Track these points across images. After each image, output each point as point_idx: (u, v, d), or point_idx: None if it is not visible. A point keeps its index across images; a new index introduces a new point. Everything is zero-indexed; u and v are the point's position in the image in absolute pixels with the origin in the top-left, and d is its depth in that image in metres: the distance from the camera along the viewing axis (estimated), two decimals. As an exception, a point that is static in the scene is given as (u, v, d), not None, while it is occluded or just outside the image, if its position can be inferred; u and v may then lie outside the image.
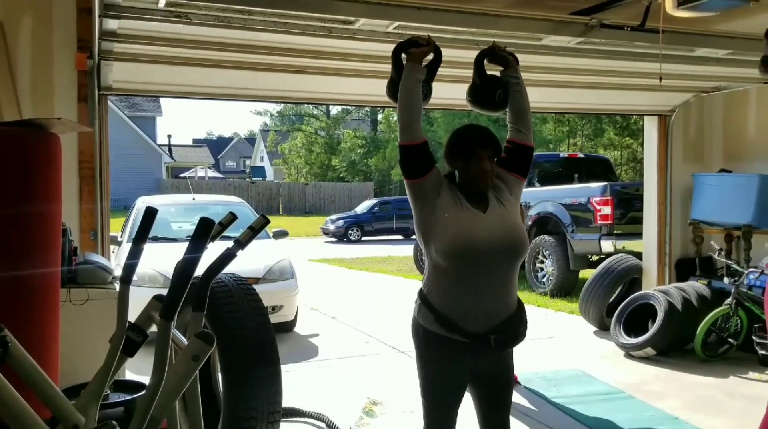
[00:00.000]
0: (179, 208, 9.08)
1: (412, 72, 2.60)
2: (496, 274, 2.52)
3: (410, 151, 2.55)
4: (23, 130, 2.63)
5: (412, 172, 2.56)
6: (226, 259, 2.16)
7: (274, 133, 50.54)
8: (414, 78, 2.59)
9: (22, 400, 1.81)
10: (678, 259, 7.24)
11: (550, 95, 6.06)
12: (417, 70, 2.61)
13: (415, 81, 2.59)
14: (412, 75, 2.59)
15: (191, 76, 5.05)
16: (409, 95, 2.57)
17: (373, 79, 4.88)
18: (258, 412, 3.32)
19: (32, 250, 2.59)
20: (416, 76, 2.60)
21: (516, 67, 2.80)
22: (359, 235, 22.75)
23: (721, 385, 5.39)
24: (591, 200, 9.17)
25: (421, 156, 2.55)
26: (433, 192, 2.55)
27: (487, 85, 2.81)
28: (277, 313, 6.91)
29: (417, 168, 2.55)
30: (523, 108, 2.75)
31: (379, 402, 4.89)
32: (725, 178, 6.90)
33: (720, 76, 6.03)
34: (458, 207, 2.54)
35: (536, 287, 9.98)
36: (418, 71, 2.62)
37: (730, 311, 5.95)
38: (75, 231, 4.46)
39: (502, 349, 2.61)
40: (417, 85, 2.59)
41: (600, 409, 4.78)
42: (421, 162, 2.55)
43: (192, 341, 1.81)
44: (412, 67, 2.61)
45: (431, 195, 2.55)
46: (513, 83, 2.76)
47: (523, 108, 2.75)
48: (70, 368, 3.29)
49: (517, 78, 2.77)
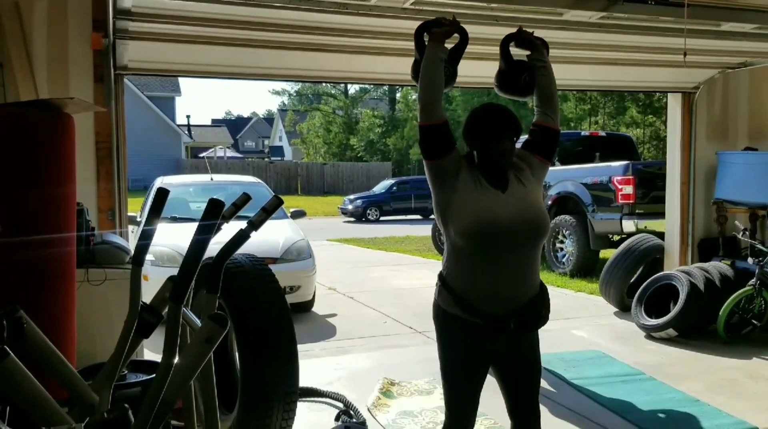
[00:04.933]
0: (197, 188, 9.12)
1: (434, 50, 2.55)
2: (516, 255, 2.47)
3: (430, 132, 2.51)
4: (36, 111, 2.61)
5: (432, 152, 2.52)
6: (239, 241, 2.13)
7: (293, 112, 50.50)
8: (435, 56, 2.54)
9: (36, 382, 1.80)
10: (701, 239, 7.12)
11: (571, 72, 5.94)
12: (439, 48, 2.56)
13: (436, 59, 2.54)
14: (433, 53, 2.54)
15: (208, 55, 5.01)
16: (429, 74, 2.52)
17: (393, 57, 4.82)
18: (275, 392, 3.32)
19: (46, 231, 2.58)
20: (438, 54, 2.55)
21: (542, 51, 2.76)
22: (377, 215, 22.71)
23: (744, 366, 5.31)
24: (612, 179, 9.04)
25: (441, 136, 2.50)
26: (453, 172, 2.51)
27: (512, 69, 2.79)
28: (294, 293, 6.93)
29: (437, 148, 2.51)
30: (549, 92, 2.71)
31: (397, 383, 4.87)
32: (750, 157, 6.74)
33: (746, 51, 5.88)
34: (477, 187, 2.50)
35: (556, 267, 9.89)
36: (440, 50, 2.57)
37: (753, 292, 5.84)
38: (93, 211, 4.47)
39: (523, 332, 2.57)
40: (438, 63, 2.54)
41: (620, 391, 4.73)
42: (440, 142, 2.51)
43: (205, 324, 1.79)
44: (434, 46, 2.56)
45: (450, 175, 2.51)
46: (539, 67, 2.72)
47: (550, 92, 2.71)
48: (88, 348, 3.31)
49: (543, 62, 2.73)
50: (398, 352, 5.89)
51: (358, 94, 45.74)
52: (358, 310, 7.81)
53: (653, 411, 4.36)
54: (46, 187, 2.50)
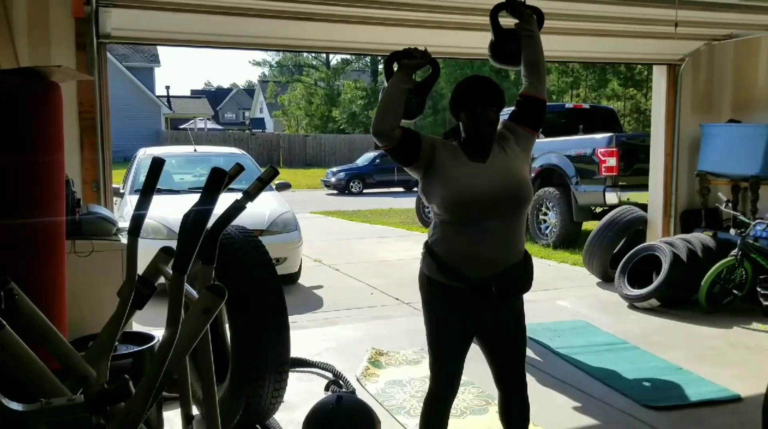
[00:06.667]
0: (180, 159, 9.00)
1: (398, 81, 2.54)
2: (498, 222, 2.51)
3: (393, 152, 2.57)
4: (23, 78, 2.55)
5: (404, 162, 2.59)
6: (235, 212, 2.12)
7: (274, 84, 49.97)
8: (397, 87, 2.53)
9: (31, 353, 1.79)
10: (684, 211, 7.19)
11: (555, 44, 5.88)
12: (403, 80, 2.54)
13: (398, 90, 2.52)
14: (396, 84, 2.53)
15: (192, 24, 4.91)
16: (388, 104, 2.52)
17: (379, 26, 4.76)
18: (266, 363, 3.32)
19: (36, 201, 2.54)
20: (400, 85, 2.53)
21: (531, 20, 2.76)
22: (361, 188, 22.67)
23: (725, 335, 5.41)
24: (596, 151, 9.08)
25: (403, 150, 2.55)
26: (429, 161, 2.56)
27: (499, 38, 2.84)
28: (281, 265, 6.91)
29: (406, 159, 2.58)
30: (534, 60, 2.71)
31: (385, 352, 4.91)
32: (734, 129, 6.79)
33: (732, 23, 5.89)
34: (457, 162, 2.54)
35: (539, 239, 9.97)
36: (405, 81, 2.55)
37: (735, 262, 5.93)
38: (77, 183, 4.41)
39: (505, 297, 2.60)
40: (400, 95, 2.52)
41: (605, 360, 4.80)
42: (406, 153, 2.56)
43: (203, 294, 1.78)
44: (399, 77, 2.55)
45: (428, 165, 2.56)
46: (525, 36, 2.73)
47: (535, 60, 2.71)
48: (76, 319, 3.28)
49: (531, 31, 2.74)
50: (385, 323, 5.93)
51: (340, 65, 45.31)
52: (344, 282, 7.83)
53: (638, 379, 4.44)
54: (35, 157, 2.46)
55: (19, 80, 2.53)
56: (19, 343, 1.73)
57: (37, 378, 1.77)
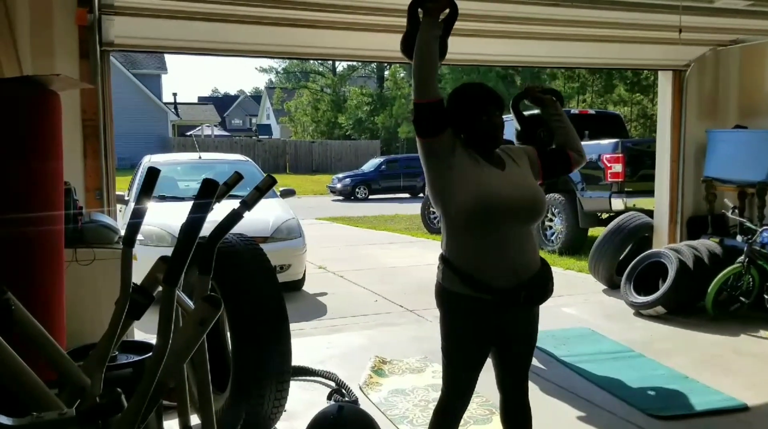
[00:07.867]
0: (185, 166, 9.03)
1: (430, 27, 2.48)
2: (516, 230, 2.48)
3: (425, 109, 2.46)
4: (21, 87, 2.55)
5: (427, 130, 2.48)
6: (232, 221, 2.10)
7: (280, 90, 50.07)
8: (431, 34, 2.48)
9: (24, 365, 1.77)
10: (690, 217, 7.14)
11: (561, 49, 5.92)
12: (434, 25, 2.50)
13: (432, 37, 2.48)
14: (429, 30, 2.48)
15: (196, 31, 4.92)
16: (425, 51, 2.46)
17: (384, 33, 4.75)
18: (268, 371, 3.31)
19: (33, 210, 2.53)
20: (434, 31, 2.48)
21: (554, 104, 2.79)
22: (366, 194, 22.66)
23: (732, 343, 5.36)
24: (602, 157, 9.04)
25: (436, 114, 2.46)
26: (448, 151, 2.48)
27: (526, 126, 2.90)
28: (285, 272, 6.91)
29: (431, 127, 2.47)
30: (573, 138, 2.75)
31: (389, 361, 4.88)
32: (740, 135, 6.74)
33: (738, 28, 5.86)
34: (477, 165, 2.49)
35: (545, 245, 9.92)
36: (436, 27, 2.50)
37: (742, 269, 5.88)
38: (80, 190, 4.41)
39: (531, 305, 2.59)
40: (434, 41, 2.48)
41: (610, 368, 4.76)
42: (436, 120, 2.46)
43: (199, 305, 1.76)
44: (430, 23, 2.49)
45: (445, 154, 2.48)
46: (554, 121, 2.77)
47: (573, 138, 2.76)
48: (77, 328, 3.28)
49: (558, 115, 2.77)
50: (390, 331, 5.90)
51: (346, 71, 45.38)
52: (348, 289, 7.80)
53: (642, 388, 4.39)
54: (32, 165, 2.45)
55: (17, 88, 2.52)
56: (12, 355, 1.72)
57: (31, 390, 1.75)
